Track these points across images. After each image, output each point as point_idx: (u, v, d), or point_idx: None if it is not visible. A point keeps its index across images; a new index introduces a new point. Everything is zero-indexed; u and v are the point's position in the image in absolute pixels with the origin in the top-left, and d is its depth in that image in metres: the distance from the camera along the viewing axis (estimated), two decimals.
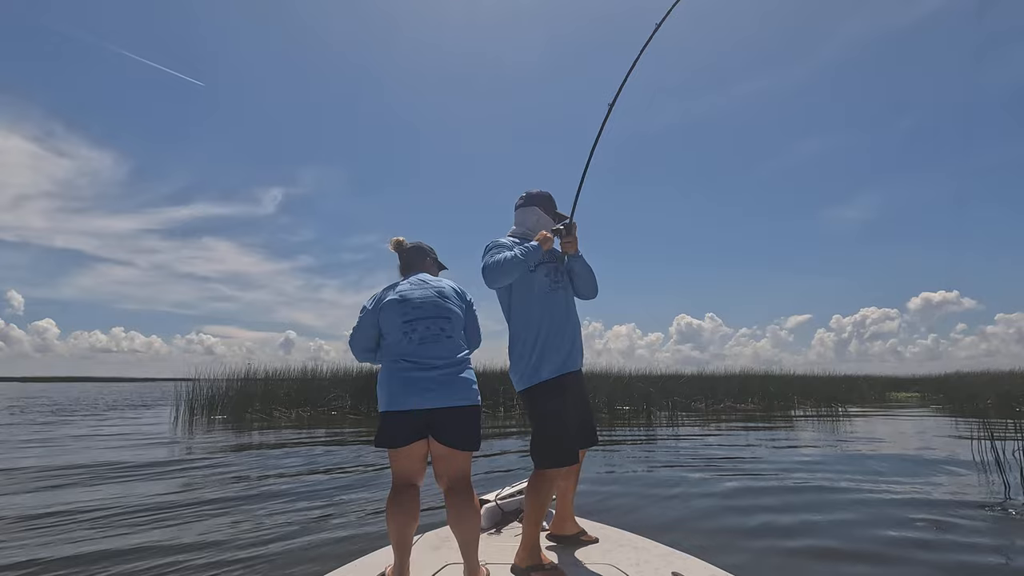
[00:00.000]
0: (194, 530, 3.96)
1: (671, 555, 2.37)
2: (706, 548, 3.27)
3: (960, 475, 6.22)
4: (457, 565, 2.28)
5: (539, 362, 2.29)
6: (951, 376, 27.03)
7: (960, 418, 14.62)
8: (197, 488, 5.45)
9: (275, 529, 3.98)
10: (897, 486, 5.59)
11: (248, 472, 6.39)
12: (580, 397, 2.41)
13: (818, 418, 15.51)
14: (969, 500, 4.92)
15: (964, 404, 19.30)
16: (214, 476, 6.13)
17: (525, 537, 2.23)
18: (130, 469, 6.61)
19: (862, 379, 26.27)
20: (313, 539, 3.75)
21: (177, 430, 11.49)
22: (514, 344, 2.38)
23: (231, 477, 6.07)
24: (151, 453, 8.00)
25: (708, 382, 19.90)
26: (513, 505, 3.17)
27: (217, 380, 14.78)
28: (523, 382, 2.33)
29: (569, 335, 2.34)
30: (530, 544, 2.21)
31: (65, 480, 5.89)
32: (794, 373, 22.60)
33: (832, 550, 3.52)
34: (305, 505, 4.75)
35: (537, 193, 2.58)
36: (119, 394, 37.00)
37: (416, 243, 2.51)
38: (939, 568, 3.21)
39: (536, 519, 2.22)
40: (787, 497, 5.08)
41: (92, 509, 4.57)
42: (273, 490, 5.37)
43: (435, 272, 2.50)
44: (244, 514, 4.43)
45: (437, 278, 2.38)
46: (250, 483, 5.72)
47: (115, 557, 3.36)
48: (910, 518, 4.31)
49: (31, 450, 8.32)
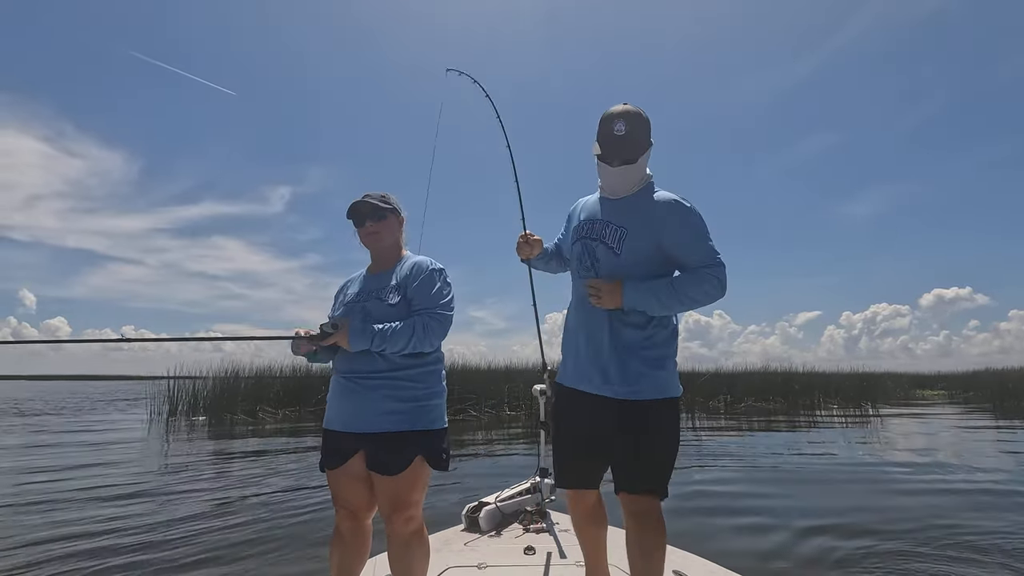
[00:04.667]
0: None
1: (671, 552, 2.35)
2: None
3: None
4: (458, 568, 2.34)
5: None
6: (981, 373, 26.24)
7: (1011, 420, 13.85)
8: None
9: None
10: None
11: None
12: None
13: (850, 418, 14.90)
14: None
15: (1005, 402, 18.50)
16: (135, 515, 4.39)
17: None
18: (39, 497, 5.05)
19: (886, 376, 25.33)
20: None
21: (151, 432, 10.86)
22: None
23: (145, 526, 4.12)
24: (84, 475, 6.24)
25: (727, 380, 19.05)
26: (513, 507, 3.14)
27: (201, 378, 14.09)
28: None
29: (573, 346, 1.92)
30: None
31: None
32: (816, 370, 21.74)
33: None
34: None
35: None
36: (118, 392, 36.22)
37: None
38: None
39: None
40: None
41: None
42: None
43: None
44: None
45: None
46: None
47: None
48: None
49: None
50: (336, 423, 1.83)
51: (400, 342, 1.73)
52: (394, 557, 1.81)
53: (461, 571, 2.31)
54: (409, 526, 1.77)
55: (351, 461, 1.79)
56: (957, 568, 3.17)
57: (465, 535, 2.91)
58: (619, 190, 1.81)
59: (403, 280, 1.86)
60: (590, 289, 1.73)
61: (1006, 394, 20.17)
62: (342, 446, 1.80)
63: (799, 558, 3.40)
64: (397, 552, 1.80)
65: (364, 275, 2.00)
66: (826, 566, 3.26)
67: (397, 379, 1.78)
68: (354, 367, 1.80)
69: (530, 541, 2.75)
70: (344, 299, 1.96)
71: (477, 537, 2.87)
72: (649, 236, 1.70)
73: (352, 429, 1.78)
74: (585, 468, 1.86)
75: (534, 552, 2.60)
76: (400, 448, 1.74)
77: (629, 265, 1.72)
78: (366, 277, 1.98)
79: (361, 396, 1.77)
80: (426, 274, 1.86)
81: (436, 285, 1.85)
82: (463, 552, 2.63)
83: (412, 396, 1.78)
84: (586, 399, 1.79)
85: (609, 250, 1.75)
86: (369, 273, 1.99)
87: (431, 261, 1.92)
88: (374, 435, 1.75)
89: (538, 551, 2.61)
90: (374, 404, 1.76)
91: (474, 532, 2.94)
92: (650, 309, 1.68)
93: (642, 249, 1.71)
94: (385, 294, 1.85)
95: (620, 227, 1.75)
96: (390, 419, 1.75)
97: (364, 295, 1.89)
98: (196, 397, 13.73)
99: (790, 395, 19.02)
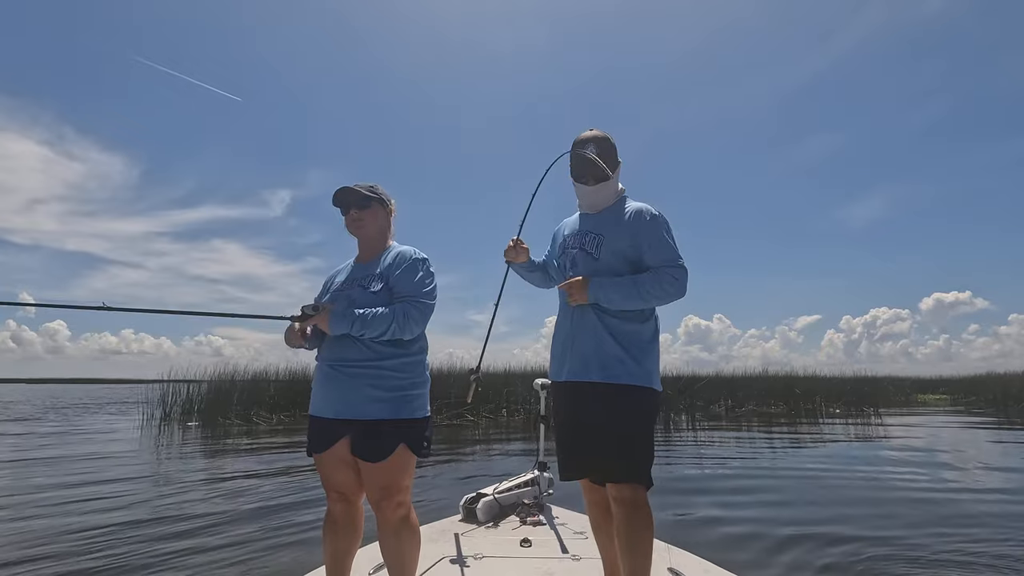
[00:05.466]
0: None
1: (668, 551, 2.42)
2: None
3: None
4: (454, 558, 2.38)
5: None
6: (983, 378, 26.14)
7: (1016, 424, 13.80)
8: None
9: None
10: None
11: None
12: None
13: (852, 423, 14.80)
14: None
15: (1008, 407, 18.45)
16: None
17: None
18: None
19: (887, 380, 25.25)
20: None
21: (141, 441, 10.60)
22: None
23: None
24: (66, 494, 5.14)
25: (728, 384, 18.94)
26: (511, 499, 3.15)
27: (196, 382, 13.99)
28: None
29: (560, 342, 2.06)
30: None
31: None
32: (818, 374, 21.66)
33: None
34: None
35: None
36: (114, 396, 35.34)
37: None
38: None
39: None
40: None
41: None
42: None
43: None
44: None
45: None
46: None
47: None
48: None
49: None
50: (321, 409, 1.85)
51: (380, 327, 1.76)
52: (385, 544, 1.83)
53: (457, 561, 2.33)
54: (398, 512, 1.81)
55: (337, 445, 1.82)
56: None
57: (462, 526, 2.92)
58: (598, 205, 2.00)
59: (386, 269, 1.89)
60: (566, 288, 1.89)
61: (1009, 399, 20.13)
62: (327, 431, 1.83)
63: (800, 561, 3.35)
64: (388, 539, 1.82)
65: (352, 264, 2.03)
66: (829, 569, 3.20)
67: (382, 368, 1.80)
68: (339, 355, 1.82)
69: (527, 533, 2.75)
70: (331, 287, 1.99)
71: (474, 528, 2.88)
72: (623, 239, 1.88)
73: (337, 416, 1.80)
74: (576, 458, 1.92)
75: (530, 544, 2.60)
76: (383, 436, 1.77)
77: (605, 268, 1.89)
78: (353, 266, 2.01)
79: (345, 384, 1.80)
80: (409, 262, 1.89)
81: (419, 274, 1.88)
82: (460, 542, 2.63)
83: (396, 386, 1.80)
84: (567, 387, 1.91)
85: (587, 255, 1.93)
86: (356, 262, 2.02)
87: (415, 250, 1.96)
88: (358, 422, 1.78)
89: (535, 543, 2.62)
90: (359, 392, 1.78)
91: (471, 523, 2.96)
92: (612, 303, 1.83)
93: (619, 252, 1.88)
94: (368, 282, 1.88)
95: (598, 235, 1.93)
96: (374, 407, 1.77)
97: (349, 283, 1.93)
98: (191, 401, 13.64)
99: (792, 399, 18.93)
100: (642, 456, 1.78)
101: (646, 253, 1.85)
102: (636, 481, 1.75)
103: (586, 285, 1.85)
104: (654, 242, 1.85)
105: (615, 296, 1.82)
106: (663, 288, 1.79)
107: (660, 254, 1.84)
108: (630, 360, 1.81)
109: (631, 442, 1.77)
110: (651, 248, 1.85)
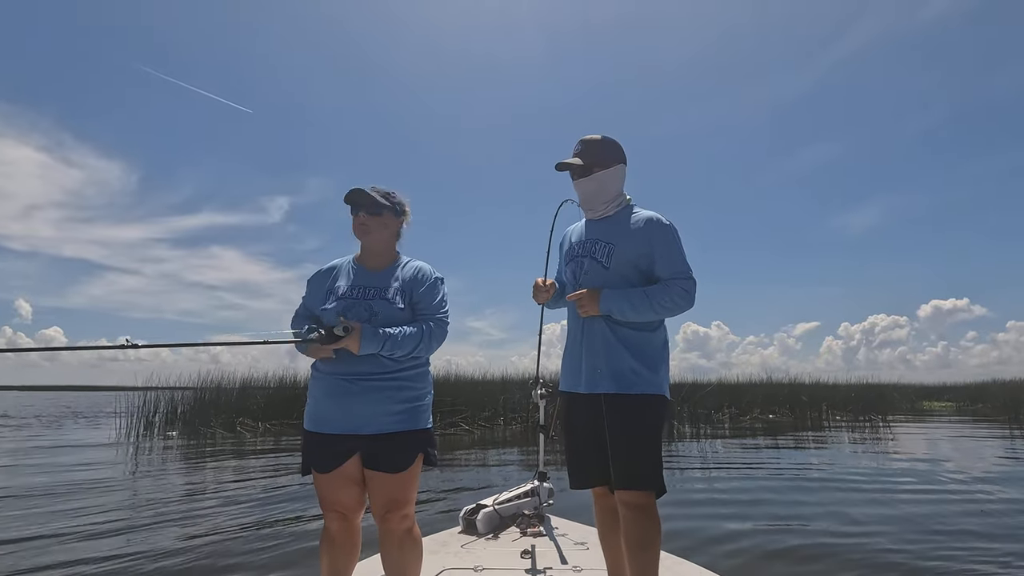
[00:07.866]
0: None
1: (664, 559, 2.36)
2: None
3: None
4: (454, 570, 2.39)
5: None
6: (989, 385, 26.18)
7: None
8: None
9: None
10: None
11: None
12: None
13: (858, 429, 14.72)
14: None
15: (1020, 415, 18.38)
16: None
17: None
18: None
19: (892, 387, 25.18)
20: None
21: (120, 452, 10.36)
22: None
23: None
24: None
25: (732, 391, 18.77)
26: (511, 511, 3.12)
27: (180, 388, 13.71)
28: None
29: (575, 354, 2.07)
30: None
31: None
32: (821, 382, 21.58)
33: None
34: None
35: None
36: (107, 403, 34.46)
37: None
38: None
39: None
40: None
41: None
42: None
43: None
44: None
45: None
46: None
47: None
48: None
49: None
50: (327, 425, 1.80)
51: (408, 347, 1.78)
52: (388, 557, 1.84)
53: (457, 573, 2.36)
54: (403, 524, 1.82)
55: (347, 463, 1.79)
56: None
57: (462, 537, 2.90)
58: (593, 203, 2.00)
59: (408, 284, 1.91)
60: (576, 300, 1.90)
61: (1021, 406, 20.03)
62: (336, 448, 1.79)
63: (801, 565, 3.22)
64: (391, 552, 1.83)
65: (354, 267, 1.97)
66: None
67: (400, 380, 1.82)
68: (357, 369, 1.79)
69: (527, 545, 2.73)
70: (336, 291, 1.91)
71: (474, 540, 2.85)
72: (635, 249, 1.88)
73: (350, 431, 1.77)
74: (591, 467, 1.93)
75: (531, 556, 2.58)
76: (404, 447, 1.79)
77: (616, 278, 1.89)
78: (358, 271, 1.95)
79: (363, 397, 1.77)
80: (431, 281, 1.94)
81: (440, 293, 1.95)
82: (459, 554, 2.63)
83: (412, 396, 1.83)
84: (581, 399, 1.92)
85: (598, 264, 1.92)
86: (361, 266, 1.96)
87: (432, 269, 1.99)
88: (376, 436, 1.77)
89: (535, 555, 2.59)
90: (378, 405, 1.77)
91: (471, 535, 2.93)
92: (623, 314, 1.84)
93: (629, 261, 1.89)
94: (391, 295, 1.86)
95: (608, 243, 1.93)
96: (394, 419, 1.78)
97: (364, 292, 1.87)
98: (174, 408, 13.37)
99: (797, 407, 18.83)
100: (655, 462, 1.81)
101: (657, 263, 1.87)
102: (649, 487, 1.78)
103: (597, 297, 1.86)
104: (666, 253, 1.87)
105: (626, 308, 1.83)
106: (674, 300, 1.82)
107: (671, 266, 1.86)
108: (644, 369, 1.83)
109: (645, 449, 1.80)
110: (662, 259, 1.86)
